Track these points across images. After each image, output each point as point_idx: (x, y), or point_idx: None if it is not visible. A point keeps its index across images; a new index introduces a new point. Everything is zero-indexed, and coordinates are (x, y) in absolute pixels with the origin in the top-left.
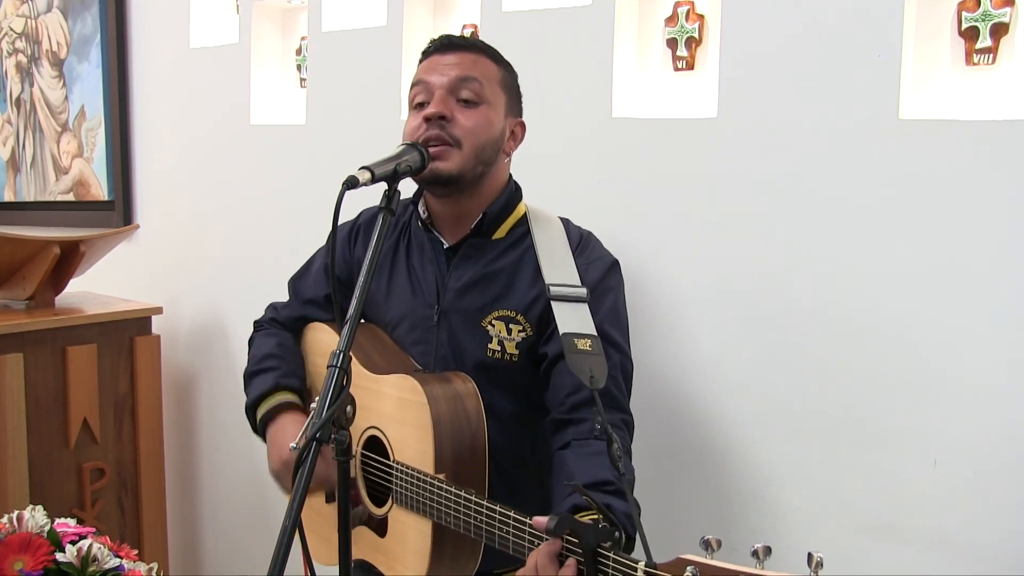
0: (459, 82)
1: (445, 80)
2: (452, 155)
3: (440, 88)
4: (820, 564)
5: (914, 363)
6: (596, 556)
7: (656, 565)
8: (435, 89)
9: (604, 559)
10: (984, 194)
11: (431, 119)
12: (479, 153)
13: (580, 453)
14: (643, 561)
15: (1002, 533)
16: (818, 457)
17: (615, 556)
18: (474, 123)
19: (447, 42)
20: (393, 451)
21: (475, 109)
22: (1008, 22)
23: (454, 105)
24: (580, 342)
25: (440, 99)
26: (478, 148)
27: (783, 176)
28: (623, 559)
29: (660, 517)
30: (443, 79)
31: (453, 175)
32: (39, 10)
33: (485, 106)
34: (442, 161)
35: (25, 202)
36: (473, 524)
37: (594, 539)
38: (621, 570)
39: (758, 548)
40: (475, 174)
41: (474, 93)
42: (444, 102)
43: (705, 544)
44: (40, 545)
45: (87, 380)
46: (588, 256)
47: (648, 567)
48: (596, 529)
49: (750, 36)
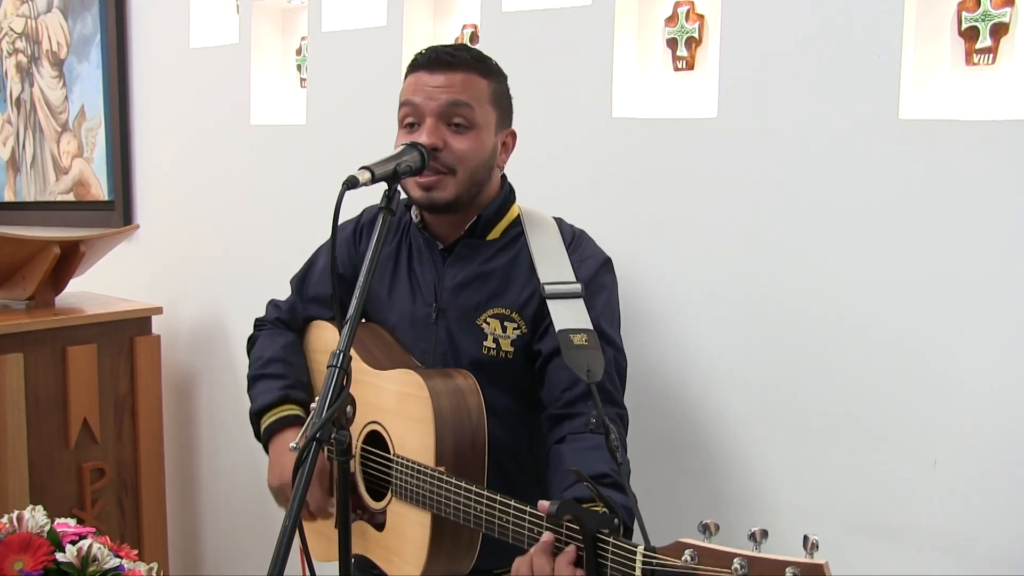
0: (450, 108)
1: (435, 106)
2: (447, 184)
3: (430, 115)
4: (815, 546)
5: (913, 362)
6: (596, 541)
7: (655, 549)
8: (425, 116)
9: (604, 544)
10: (984, 194)
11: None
12: (473, 176)
13: (576, 447)
14: (642, 545)
15: (1002, 533)
16: (818, 457)
17: (615, 541)
18: (467, 148)
19: (434, 59)
20: (393, 445)
21: (467, 134)
22: (1008, 22)
23: (446, 132)
24: (576, 337)
25: (431, 128)
26: (472, 171)
27: (783, 176)
28: (622, 543)
29: (657, 517)
30: (433, 104)
31: (450, 202)
32: (39, 10)
33: (476, 131)
34: (438, 191)
35: (25, 202)
36: (473, 514)
37: (594, 525)
38: (620, 554)
39: (755, 531)
40: (471, 195)
41: (465, 119)
42: (435, 132)
43: (703, 528)
44: (40, 545)
45: (87, 380)
46: (582, 253)
47: (647, 551)
48: (597, 515)
49: (750, 36)
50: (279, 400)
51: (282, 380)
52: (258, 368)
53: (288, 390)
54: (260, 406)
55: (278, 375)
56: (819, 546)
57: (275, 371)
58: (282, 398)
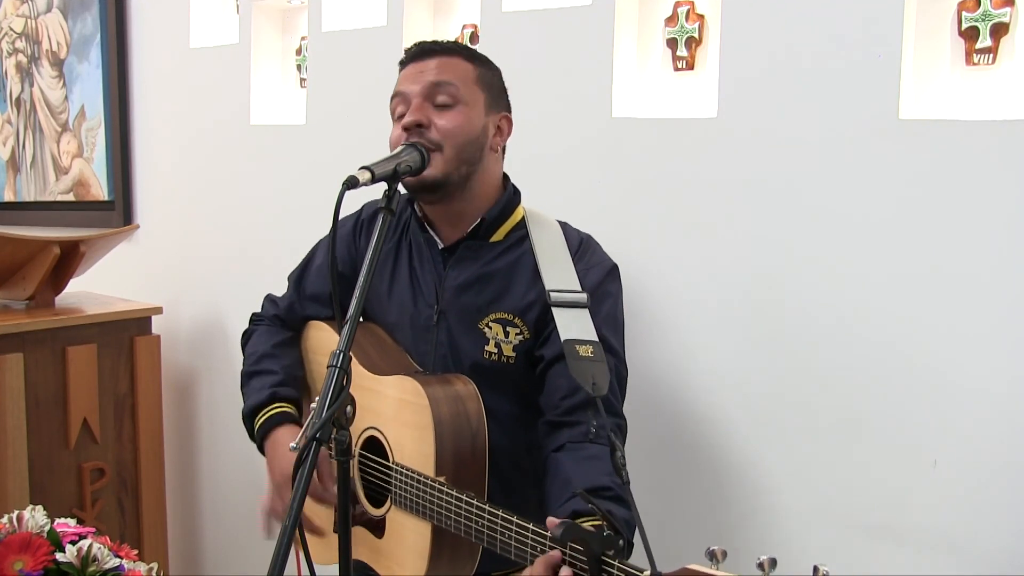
0: (433, 87)
1: (419, 87)
2: (435, 160)
3: (416, 96)
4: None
5: (913, 362)
6: (600, 564)
7: (662, 575)
8: (411, 98)
9: (609, 567)
10: (984, 194)
11: (409, 128)
12: (460, 153)
13: (576, 457)
14: (648, 571)
15: (1002, 533)
16: (818, 458)
17: (619, 565)
18: (452, 124)
19: (420, 49)
20: (392, 452)
21: (452, 111)
22: (1008, 22)
23: (431, 111)
24: (582, 348)
25: (416, 107)
26: (459, 148)
27: (783, 176)
28: (628, 568)
29: (658, 521)
30: (417, 87)
31: (439, 179)
32: (39, 10)
33: (462, 106)
34: (427, 169)
35: (25, 202)
36: (475, 528)
37: (599, 547)
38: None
39: (763, 560)
40: (460, 175)
41: (450, 96)
42: (420, 109)
43: (710, 555)
44: (40, 545)
45: (87, 380)
46: (588, 261)
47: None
48: (601, 537)
49: (750, 36)
50: (268, 399)
51: (272, 376)
52: (251, 365)
53: (277, 387)
54: (251, 407)
55: (268, 371)
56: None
57: (266, 367)
58: (271, 396)
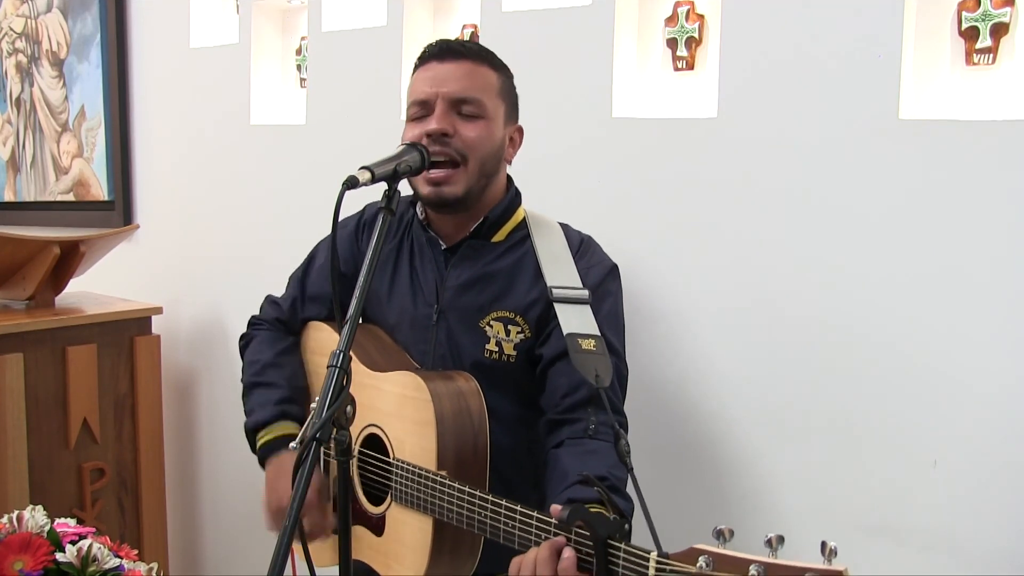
0: (460, 96)
1: (446, 92)
2: (458, 178)
3: (441, 101)
4: (834, 552)
5: (913, 363)
6: (606, 547)
7: (668, 555)
8: (436, 103)
9: (614, 550)
10: (984, 194)
11: (433, 135)
12: (483, 167)
13: (574, 451)
14: (655, 552)
15: (1002, 533)
16: (818, 458)
17: (625, 547)
18: (477, 136)
19: (444, 48)
20: (393, 448)
21: (477, 122)
22: (1008, 22)
23: (456, 120)
24: (584, 342)
25: (442, 114)
26: (482, 162)
27: (782, 176)
28: (634, 550)
29: (658, 520)
30: (444, 91)
31: (460, 198)
32: (39, 10)
33: (487, 120)
34: (448, 186)
35: (25, 202)
36: (477, 519)
37: (604, 531)
38: (632, 561)
39: (771, 537)
40: (479, 188)
41: (475, 107)
42: (446, 118)
43: (718, 534)
44: (40, 545)
45: (87, 380)
46: (589, 260)
47: (661, 557)
48: (607, 521)
49: (750, 36)
50: (275, 416)
51: (277, 391)
52: (254, 375)
53: (284, 404)
54: (255, 422)
55: (272, 384)
56: (838, 552)
57: (271, 379)
58: (278, 415)
